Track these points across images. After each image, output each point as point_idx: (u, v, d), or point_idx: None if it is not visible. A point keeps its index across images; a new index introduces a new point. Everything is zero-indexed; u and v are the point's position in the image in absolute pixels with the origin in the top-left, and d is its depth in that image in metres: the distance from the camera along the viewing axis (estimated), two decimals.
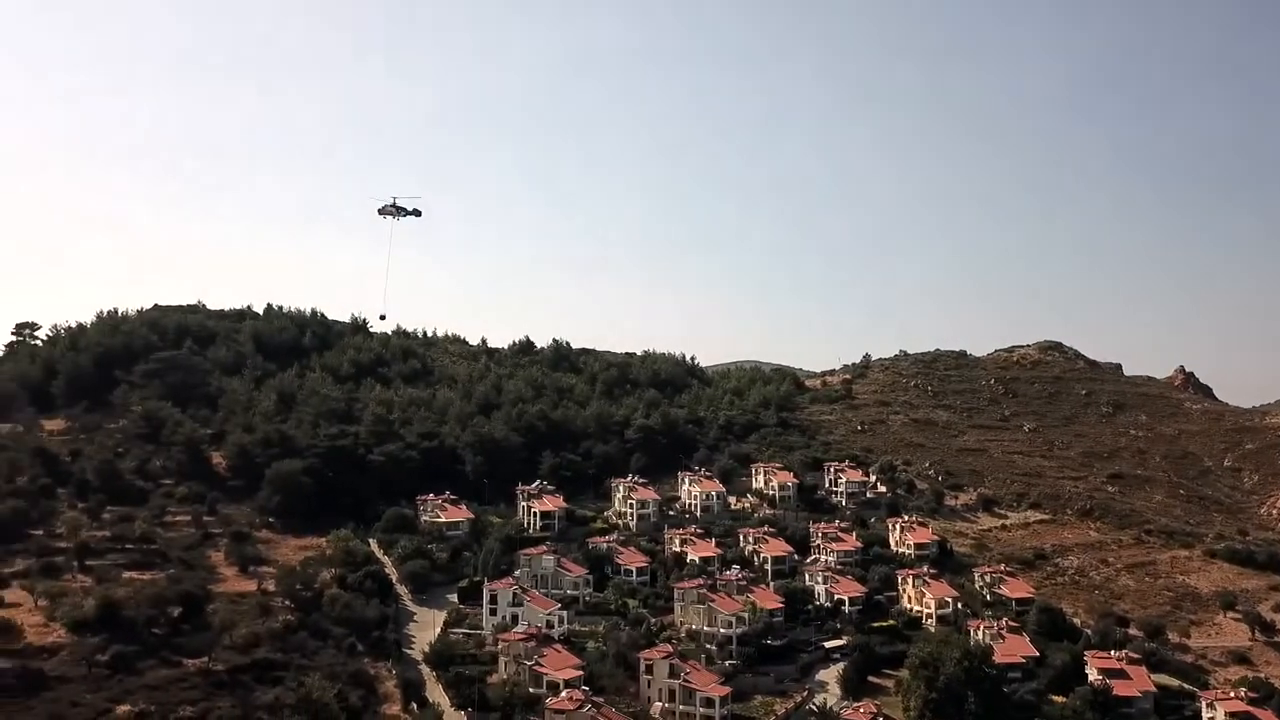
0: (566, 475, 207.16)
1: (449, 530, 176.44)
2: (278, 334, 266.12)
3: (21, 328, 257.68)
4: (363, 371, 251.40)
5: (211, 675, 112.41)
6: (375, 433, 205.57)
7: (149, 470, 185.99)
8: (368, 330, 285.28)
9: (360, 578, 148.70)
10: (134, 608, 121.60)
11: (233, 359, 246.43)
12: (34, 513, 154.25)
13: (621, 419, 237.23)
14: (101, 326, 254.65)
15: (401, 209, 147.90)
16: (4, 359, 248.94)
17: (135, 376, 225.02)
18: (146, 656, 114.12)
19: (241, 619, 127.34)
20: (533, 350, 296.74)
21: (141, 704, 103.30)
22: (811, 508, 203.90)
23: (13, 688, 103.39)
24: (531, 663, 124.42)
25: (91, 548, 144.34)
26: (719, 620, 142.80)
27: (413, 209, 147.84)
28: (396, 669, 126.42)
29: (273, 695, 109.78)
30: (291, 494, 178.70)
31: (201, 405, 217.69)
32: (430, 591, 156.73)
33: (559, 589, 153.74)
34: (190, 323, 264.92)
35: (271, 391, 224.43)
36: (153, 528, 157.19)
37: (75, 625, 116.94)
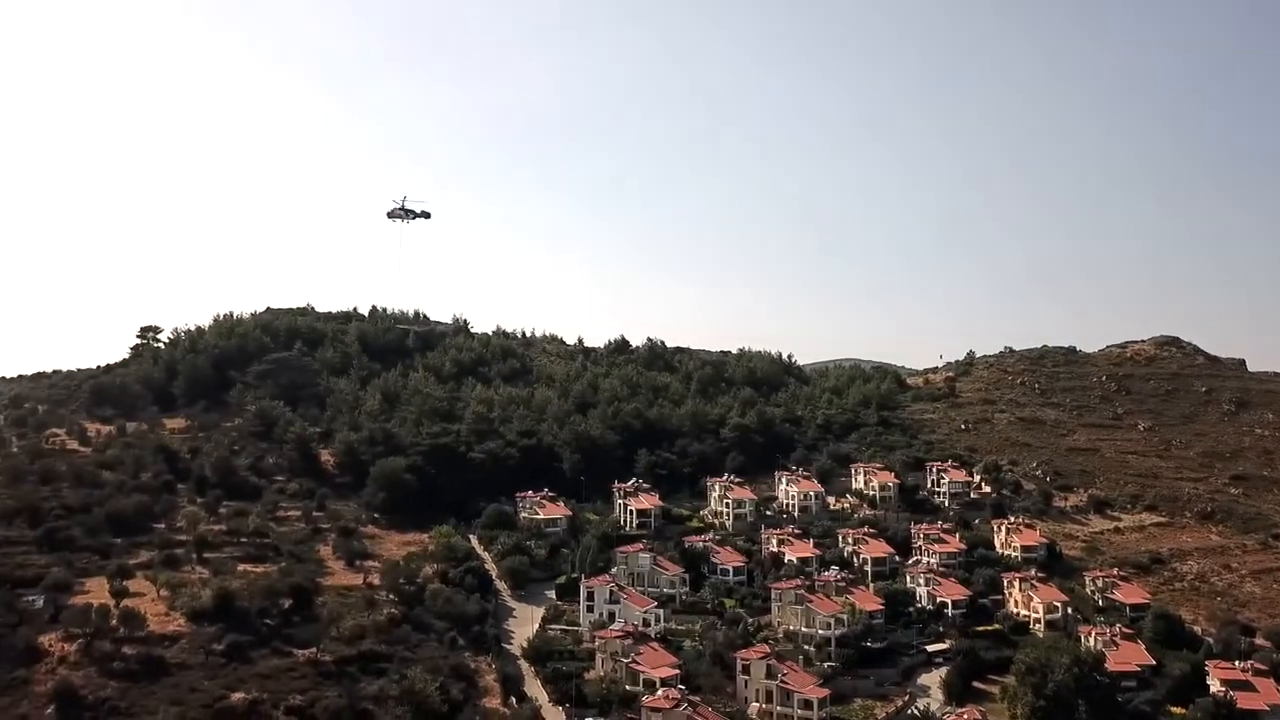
0: (662, 474, 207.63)
1: (547, 527, 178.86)
2: (382, 335, 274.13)
3: (145, 331, 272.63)
4: (464, 371, 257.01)
5: (319, 665, 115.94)
6: (476, 431, 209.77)
7: (262, 467, 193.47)
8: (469, 331, 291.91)
9: (461, 573, 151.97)
10: (248, 599, 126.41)
11: (340, 360, 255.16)
12: (157, 507, 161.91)
13: (717, 418, 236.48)
14: (218, 329, 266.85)
15: (410, 211, 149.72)
16: (129, 361, 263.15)
17: (249, 377, 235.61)
18: (259, 646, 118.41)
19: (348, 612, 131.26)
20: (628, 349, 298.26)
21: (254, 692, 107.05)
22: (913, 508, 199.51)
23: (137, 673, 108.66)
24: (628, 660, 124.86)
25: (209, 541, 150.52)
26: (817, 621, 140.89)
27: (421, 211, 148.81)
28: (496, 663, 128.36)
29: (377, 686, 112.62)
30: (396, 490, 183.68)
31: (311, 404, 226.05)
32: (528, 587, 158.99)
33: (655, 587, 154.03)
34: (300, 325, 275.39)
35: (376, 391, 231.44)
36: (266, 522, 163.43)
37: (194, 615, 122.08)
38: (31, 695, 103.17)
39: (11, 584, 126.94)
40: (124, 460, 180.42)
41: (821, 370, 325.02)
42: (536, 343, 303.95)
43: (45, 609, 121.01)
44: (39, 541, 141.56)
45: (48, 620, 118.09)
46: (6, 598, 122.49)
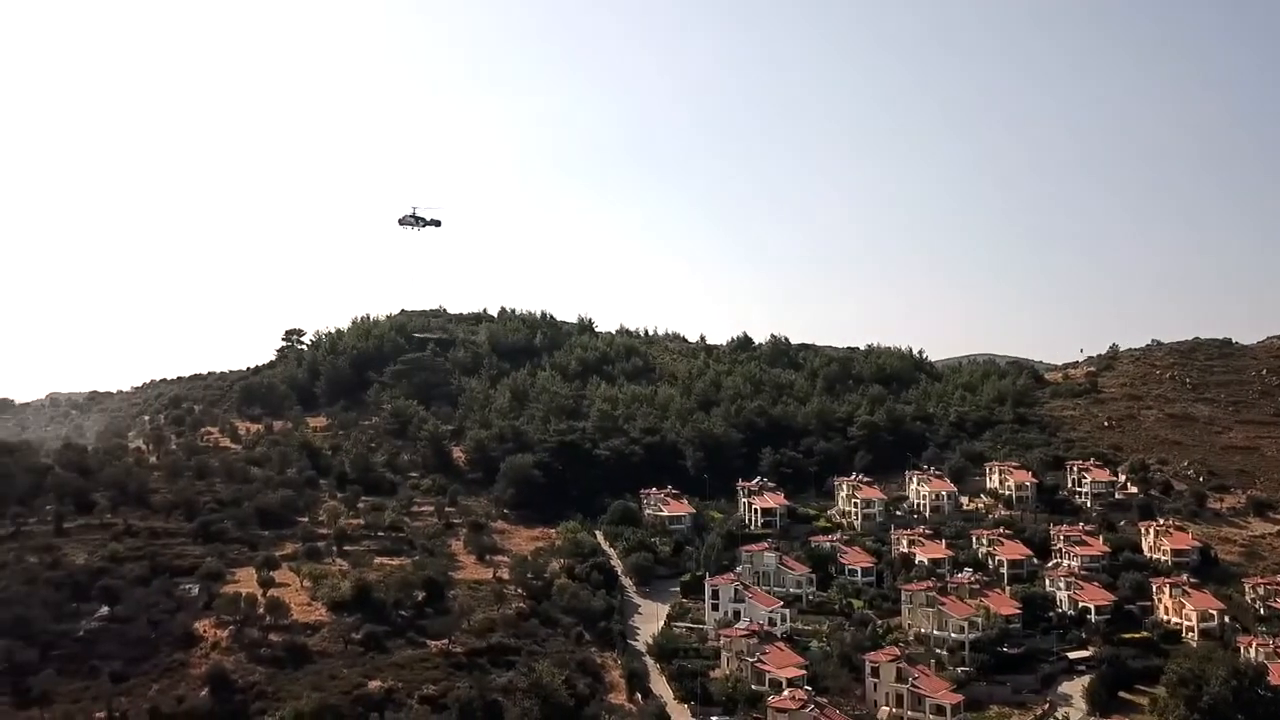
0: (787, 472, 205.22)
1: (671, 524, 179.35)
2: (511, 335, 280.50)
3: (290, 334, 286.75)
4: (589, 369, 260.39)
5: (451, 657, 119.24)
6: (601, 428, 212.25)
7: (398, 464, 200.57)
8: (593, 330, 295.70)
9: (587, 569, 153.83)
10: (384, 591, 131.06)
11: (471, 359, 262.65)
12: (300, 501, 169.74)
13: (844, 415, 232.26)
14: (356, 331, 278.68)
15: (421, 219, 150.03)
16: (276, 363, 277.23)
17: (385, 377, 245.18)
18: (395, 636, 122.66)
19: (479, 605, 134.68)
20: (751, 346, 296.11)
21: (390, 681, 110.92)
22: (1052, 509, 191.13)
23: (282, 659, 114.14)
24: (754, 659, 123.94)
25: (348, 534, 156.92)
26: (950, 624, 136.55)
27: (432, 219, 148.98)
28: (622, 659, 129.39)
29: (507, 678, 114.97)
30: (524, 486, 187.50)
31: (444, 403, 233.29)
32: (653, 584, 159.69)
33: (781, 586, 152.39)
34: (433, 326, 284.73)
35: (506, 390, 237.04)
36: (401, 517, 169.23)
37: (334, 605, 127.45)
38: (188, 678, 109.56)
39: (170, 573, 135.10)
40: (271, 457, 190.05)
41: (954, 366, 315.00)
42: (659, 341, 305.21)
43: (200, 597, 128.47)
44: (194, 533, 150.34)
45: (202, 608, 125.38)
46: (166, 586, 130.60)
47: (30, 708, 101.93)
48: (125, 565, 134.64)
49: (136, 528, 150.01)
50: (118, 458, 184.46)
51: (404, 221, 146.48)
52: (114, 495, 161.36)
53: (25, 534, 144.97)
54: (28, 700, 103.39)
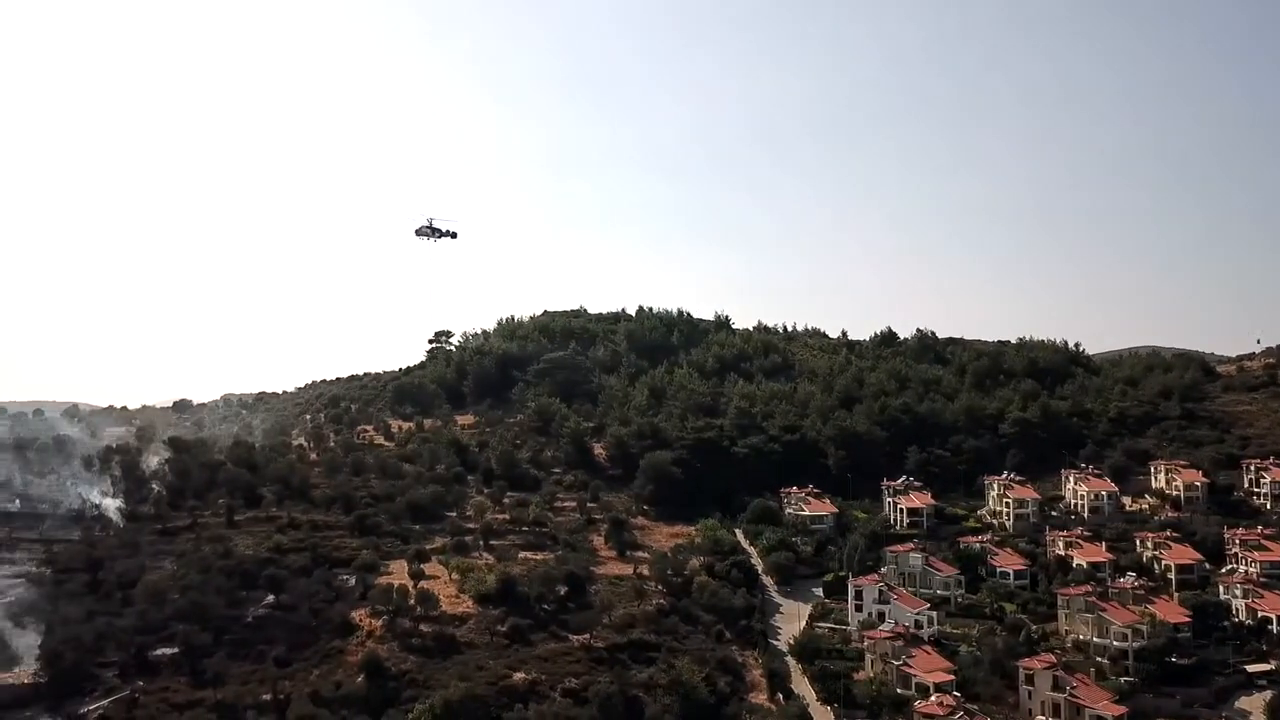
0: (934, 471, 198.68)
1: (813, 523, 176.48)
2: (649, 334, 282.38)
3: (439, 336, 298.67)
4: (726, 367, 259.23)
5: (592, 651, 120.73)
6: (739, 426, 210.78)
7: (541, 460, 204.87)
8: (730, 327, 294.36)
9: (727, 567, 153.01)
10: (527, 584, 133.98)
11: (610, 358, 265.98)
12: (449, 496, 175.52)
13: (994, 412, 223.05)
14: (501, 332, 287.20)
15: (437, 230, 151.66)
16: (426, 364, 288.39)
17: (529, 376, 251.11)
18: (538, 630, 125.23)
19: (619, 600, 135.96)
20: (895, 341, 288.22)
21: (533, 673, 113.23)
22: (1226, 511, 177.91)
23: (431, 649, 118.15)
24: (899, 662, 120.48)
25: (494, 529, 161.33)
26: (1111, 632, 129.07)
27: (448, 230, 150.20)
28: (762, 658, 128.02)
29: (647, 674, 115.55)
30: (663, 483, 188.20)
31: (584, 400, 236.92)
32: (794, 584, 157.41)
33: (928, 588, 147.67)
34: (574, 326, 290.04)
35: (644, 387, 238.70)
36: (544, 512, 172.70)
37: (480, 597, 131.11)
38: (345, 664, 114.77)
39: (329, 564, 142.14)
40: (421, 454, 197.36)
41: (1113, 359, 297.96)
42: (798, 337, 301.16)
43: (356, 587, 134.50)
44: (351, 526, 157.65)
45: (358, 598, 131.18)
46: (325, 576, 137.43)
47: (204, 688, 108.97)
48: (289, 556, 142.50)
49: (299, 520, 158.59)
50: (282, 454, 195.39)
51: (420, 232, 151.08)
52: (279, 490, 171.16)
53: (201, 525, 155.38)
54: (202, 681, 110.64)
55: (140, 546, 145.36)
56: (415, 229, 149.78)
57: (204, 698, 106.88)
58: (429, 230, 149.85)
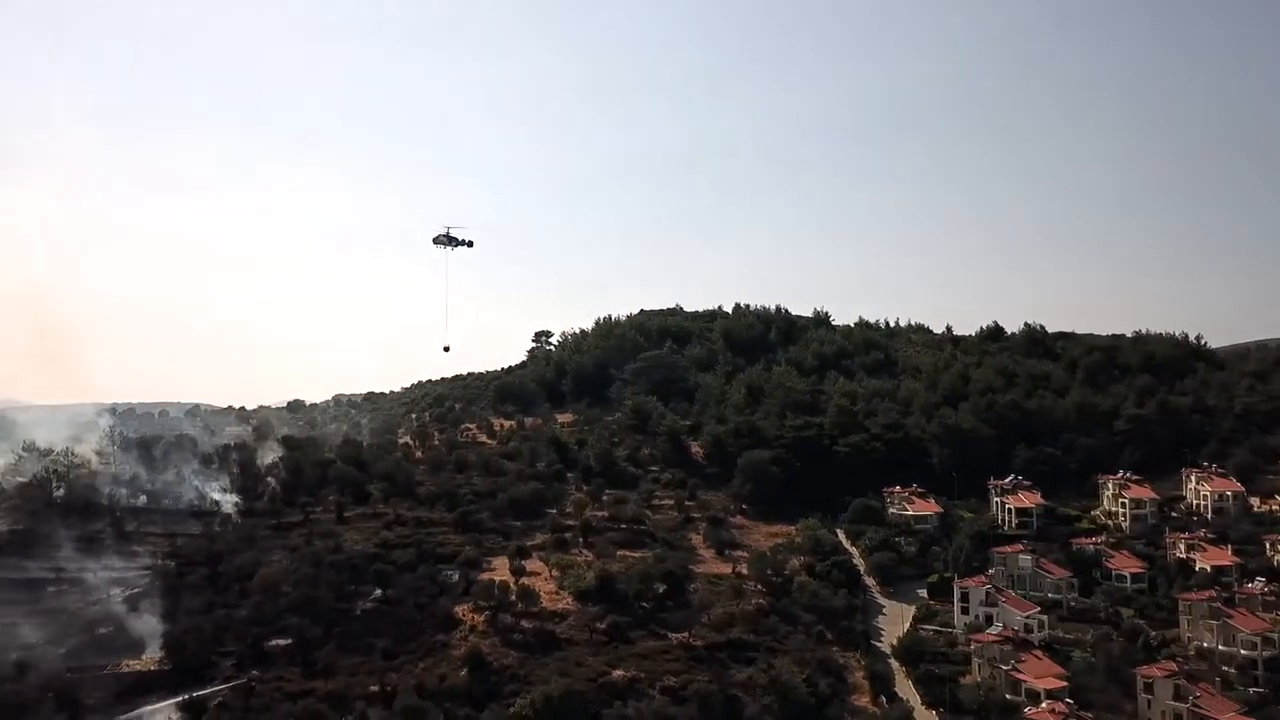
0: (1044, 470, 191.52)
1: (916, 523, 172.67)
2: (745, 331, 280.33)
3: (539, 336, 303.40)
4: (826, 364, 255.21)
5: (691, 649, 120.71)
6: (839, 424, 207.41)
7: (639, 458, 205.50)
8: (830, 324, 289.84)
9: (828, 566, 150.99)
10: (626, 582, 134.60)
11: (706, 356, 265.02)
12: (549, 493, 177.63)
13: (1108, 409, 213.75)
14: (599, 332, 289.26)
15: (454, 239, 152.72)
16: (526, 363, 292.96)
17: (626, 374, 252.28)
18: (636, 627, 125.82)
19: (718, 599, 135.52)
20: (1002, 336, 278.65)
21: (632, 670, 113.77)
22: None
23: (532, 645, 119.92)
24: (1008, 667, 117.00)
25: (593, 526, 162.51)
26: (1239, 639, 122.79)
27: (465, 240, 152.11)
28: (865, 660, 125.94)
29: (746, 674, 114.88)
30: (761, 482, 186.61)
31: (681, 399, 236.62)
32: (898, 585, 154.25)
33: (1038, 591, 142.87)
34: (670, 324, 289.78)
35: (741, 385, 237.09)
36: (642, 510, 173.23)
37: (580, 594, 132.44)
38: (449, 658, 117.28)
39: (434, 559, 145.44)
40: (522, 451, 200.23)
41: (1240, 352, 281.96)
42: (901, 333, 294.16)
43: (459, 583, 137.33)
44: (454, 523, 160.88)
45: (461, 593, 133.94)
46: (430, 571, 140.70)
47: (316, 679, 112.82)
48: (395, 552, 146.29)
49: (405, 517, 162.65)
50: (389, 452, 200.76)
51: (438, 241, 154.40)
52: (386, 487, 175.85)
53: (312, 521, 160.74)
54: (314, 672, 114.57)
55: (256, 541, 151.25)
56: (433, 237, 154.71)
57: (315, 688, 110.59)
58: (446, 239, 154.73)
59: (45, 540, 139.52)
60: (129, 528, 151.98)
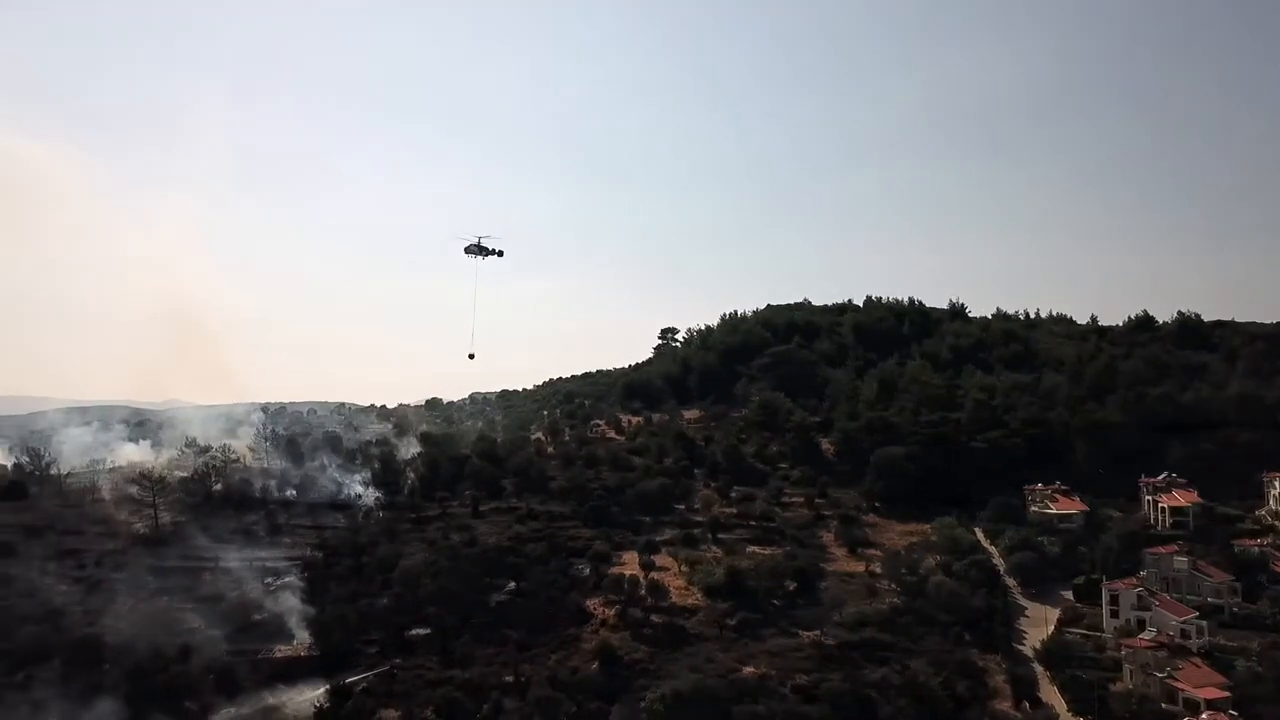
0: (1201, 466, 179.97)
1: (1060, 522, 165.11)
2: (877, 324, 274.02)
3: (665, 333, 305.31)
4: (962, 357, 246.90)
5: (823, 648, 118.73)
6: (976, 419, 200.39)
7: (767, 454, 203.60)
8: (966, 316, 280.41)
9: (966, 566, 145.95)
10: (755, 579, 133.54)
11: (836, 350, 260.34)
12: (677, 489, 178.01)
13: (1273, 401, 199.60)
14: (725, 327, 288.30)
15: (485, 249, 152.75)
16: (653, 360, 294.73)
17: (753, 370, 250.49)
18: (767, 624, 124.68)
19: (850, 598, 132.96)
20: (1152, 326, 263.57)
21: (763, 668, 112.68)
22: None
23: (662, 639, 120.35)
24: (1163, 675, 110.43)
25: (721, 522, 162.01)
26: None
27: (496, 250, 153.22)
28: (1006, 663, 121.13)
29: (880, 674, 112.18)
30: (895, 479, 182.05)
31: (810, 394, 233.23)
32: (1040, 586, 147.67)
33: (1195, 595, 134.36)
34: (797, 319, 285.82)
35: (873, 380, 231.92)
36: (771, 507, 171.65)
37: (709, 590, 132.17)
38: (580, 651, 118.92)
39: (565, 553, 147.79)
40: (650, 447, 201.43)
41: None
42: (1042, 324, 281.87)
43: (590, 577, 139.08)
44: (585, 517, 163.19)
45: (592, 587, 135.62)
46: (562, 565, 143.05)
47: (453, 668, 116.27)
48: (528, 545, 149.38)
49: (537, 511, 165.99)
50: (521, 448, 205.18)
51: (469, 250, 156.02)
52: (518, 481, 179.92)
53: (449, 515, 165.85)
54: (451, 661, 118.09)
55: (396, 533, 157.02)
56: (465, 247, 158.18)
57: (453, 676, 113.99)
58: (477, 249, 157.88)
59: (204, 531, 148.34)
60: (280, 520, 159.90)
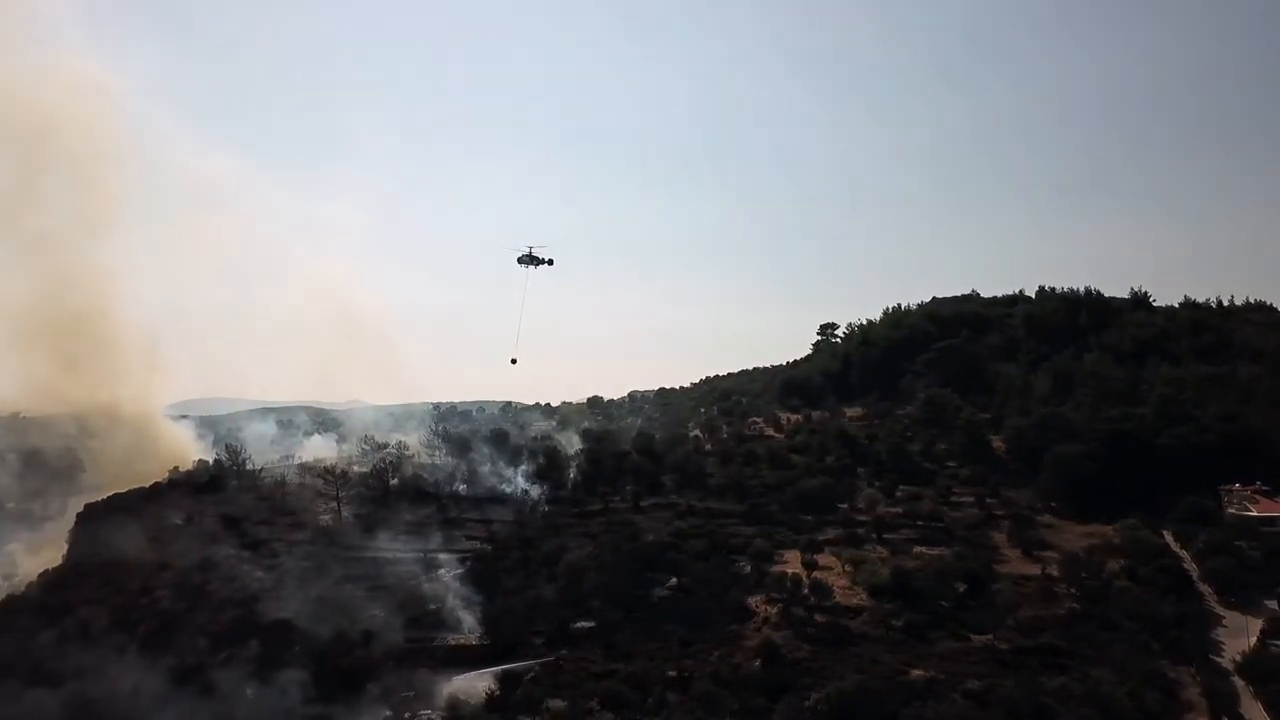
0: None
1: (1262, 525, 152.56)
2: (1050, 316, 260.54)
3: (824, 329, 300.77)
4: (1146, 349, 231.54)
5: (995, 653, 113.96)
6: (1163, 414, 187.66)
7: (934, 453, 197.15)
8: (1149, 305, 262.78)
9: (1153, 571, 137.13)
10: (923, 580, 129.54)
11: (1006, 344, 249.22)
12: (839, 488, 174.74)
13: None
14: (887, 321, 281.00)
15: (536, 259, 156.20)
16: (812, 356, 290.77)
17: (918, 365, 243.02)
18: (935, 627, 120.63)
19: (1025, 602, 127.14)
20: None
21: (932, 671, 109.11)
22: None
23: (826, 639, 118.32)
24: None
25: (886, 522, 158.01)
26: None
27: (546, 259, 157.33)
28: (1201, 675, 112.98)
29: (1059, 682, 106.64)
30: (1072, 479, 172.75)
31: (978, 390, 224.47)
32: (1239, 594, 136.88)
33: None
34: (965, 311, 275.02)
35: (1047, 374, 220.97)
36: (938, 507, 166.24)
37: (874, 590, 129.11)
38: (742, 648, 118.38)
39: (726, 550, 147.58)
40: (810, 445, 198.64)
41: None
42: (1237, 312, 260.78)
43: (751, 574, 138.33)
44: (744, 515, 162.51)
45: (753, 584, 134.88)
46: (722, 562, 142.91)
47: (617, 661, 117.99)
48: (688, 541, 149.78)
49: (696, 508, 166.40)
50: (680, 445, 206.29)
51: (522, 260, 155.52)
52: (677, 478, 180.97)
53: (611, 510, 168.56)
54: (614, 655, 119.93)
55: (561, 528, 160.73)
56: (517, 257, 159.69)
57: (617, 669, 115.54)
58: (529, 259, 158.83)
59: (383, 524, 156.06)
60: (451, 514, 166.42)
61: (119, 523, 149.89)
